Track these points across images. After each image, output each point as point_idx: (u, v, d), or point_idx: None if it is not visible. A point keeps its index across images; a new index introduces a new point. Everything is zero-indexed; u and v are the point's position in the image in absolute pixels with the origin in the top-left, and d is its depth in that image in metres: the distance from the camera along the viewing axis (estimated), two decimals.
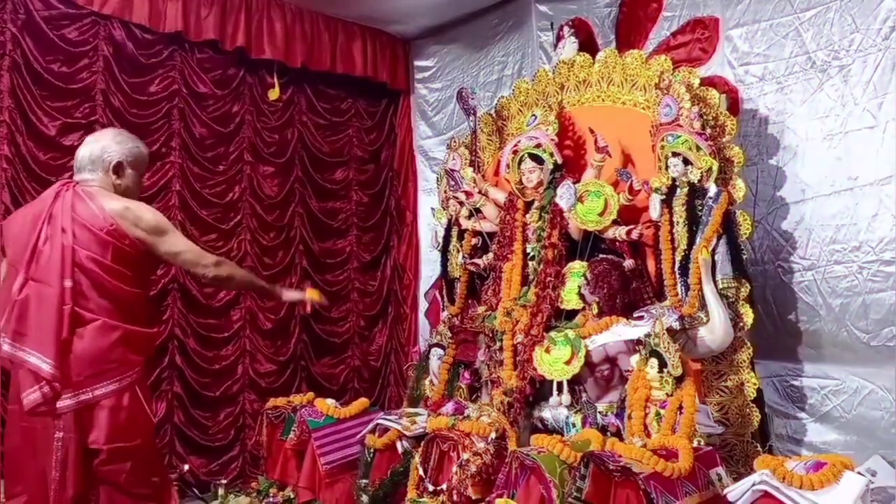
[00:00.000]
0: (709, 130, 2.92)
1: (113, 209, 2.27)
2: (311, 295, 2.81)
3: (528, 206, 3.40)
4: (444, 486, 2.70)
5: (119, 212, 2.28)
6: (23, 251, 2.25)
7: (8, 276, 2.31)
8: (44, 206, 2.29)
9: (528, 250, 3.34)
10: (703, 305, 2.78)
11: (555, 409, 2.87)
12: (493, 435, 2.71)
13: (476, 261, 3.61)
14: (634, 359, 2.70)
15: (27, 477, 2.26)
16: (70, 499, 2.22)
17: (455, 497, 2.64)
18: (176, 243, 2.39)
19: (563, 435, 2.71)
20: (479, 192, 3.60)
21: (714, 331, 2.75)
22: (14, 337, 2.23)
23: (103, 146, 2.35)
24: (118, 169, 2.35)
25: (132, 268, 2.31)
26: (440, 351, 3.44)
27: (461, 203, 3.68)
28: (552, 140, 3.32)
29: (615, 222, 3.07)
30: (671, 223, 2.93)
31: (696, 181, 2.89)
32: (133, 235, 2.28)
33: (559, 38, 3.71)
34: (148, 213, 2.35)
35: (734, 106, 3.22)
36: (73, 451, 2.22)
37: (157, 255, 2.37)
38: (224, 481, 3.57)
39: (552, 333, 2.93)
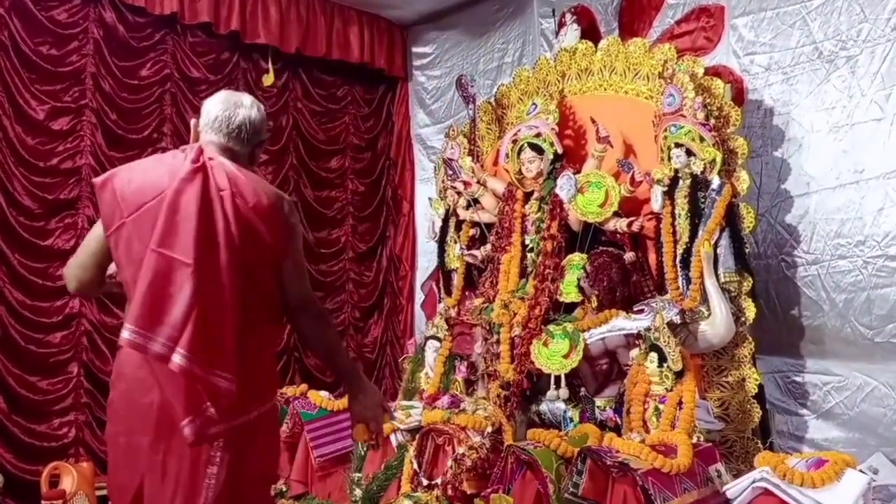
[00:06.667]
0: (713, 121, 2.88)
1: (269, 191, 1.66)
2: None
3: (528, 196, 3.35)
4: (438, 481, 2.67)
5: (276, 198, 1.66)
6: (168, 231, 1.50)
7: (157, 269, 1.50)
8: (175, 175, 1.54)
9: (527, 242, 3.30)
10: (704, 299, 2.75)
11: (552, 404, 2.85)
12: (489, 429, 2.71)
13: (474, 252, 3.57)
14: (634, 353, 2.68)
15: None
16: None
17: (450, 491, 2.61)
18: (298, 269, 1.73)
19: (560, 429, 2.69)
20: (478, 182, 3.56)
21: (715, 325, 2.73)
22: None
23: (257, 114, 1.71)
24: (256, 151, 1.76)
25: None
26: (436, 343, 3.40)
27: (459, 193, 3.63)
28: (553, 129, 3.27)
29: (616, 214, 3.03)
30: (673, 215, 2.90)
31: (699, 173, 2.85)
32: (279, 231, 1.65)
33: (561, 25, 3.66)
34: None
35: (739, 96, 3.18)
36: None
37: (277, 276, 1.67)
38: None
39: (550, 326, 2.89)
